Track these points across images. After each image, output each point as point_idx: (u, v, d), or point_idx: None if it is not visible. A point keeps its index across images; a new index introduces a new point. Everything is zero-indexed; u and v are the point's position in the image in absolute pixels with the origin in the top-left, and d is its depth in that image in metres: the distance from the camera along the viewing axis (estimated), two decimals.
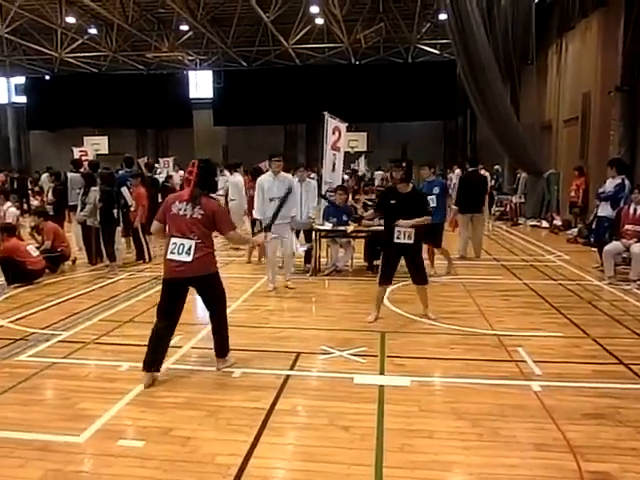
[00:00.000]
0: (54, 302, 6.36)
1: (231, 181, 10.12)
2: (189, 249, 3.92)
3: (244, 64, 26.06)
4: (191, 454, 3.00)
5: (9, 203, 8.45)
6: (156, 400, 3.69)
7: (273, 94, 25.39)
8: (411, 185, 5.47)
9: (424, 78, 24.04)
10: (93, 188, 7.79)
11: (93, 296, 6.67)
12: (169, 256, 3.97)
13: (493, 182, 16.69)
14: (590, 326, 5.28)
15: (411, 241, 5.30)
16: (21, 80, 28.50)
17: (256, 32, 22.68)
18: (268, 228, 4.91)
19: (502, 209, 14.71)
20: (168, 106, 26.44)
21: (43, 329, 5.29)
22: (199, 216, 3.96)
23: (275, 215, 5.08)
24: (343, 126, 8.63)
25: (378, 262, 7.90)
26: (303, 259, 8.22)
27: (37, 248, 7.57)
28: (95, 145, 25.60)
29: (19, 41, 22.62)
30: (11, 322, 5.55)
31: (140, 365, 3.95)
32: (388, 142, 25.85)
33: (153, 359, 3.95)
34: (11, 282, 7.03)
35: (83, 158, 15.06)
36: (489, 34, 12.66)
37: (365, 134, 24.99)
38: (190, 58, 25.88)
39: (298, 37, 22.26)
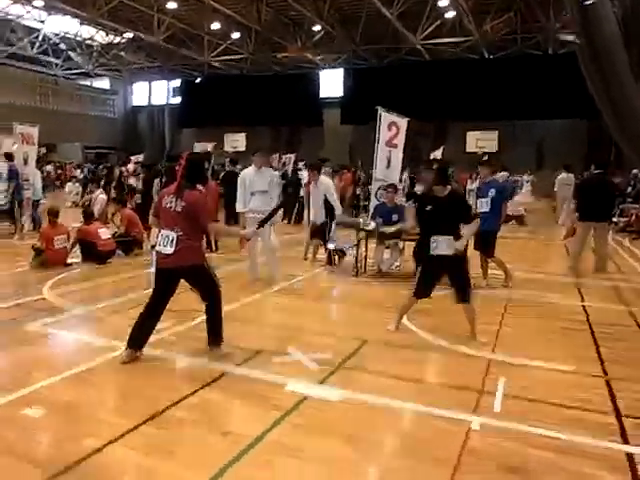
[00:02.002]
0: (101, 281, 7.09)
1: None
2: (172, 241, 4.07)
3: (374, 62, 26.02)
4: (65, 429, 3.15)
5: (100, 190, 9.61)
6: (89, 377, 3.93)
7: (401, 91, 24.92)
8: (449, 188, 4.86)
9: (565, 71, 21.51)
10: (156, 181, 8.47)
11: (138, 279, 7.28)
12: (156, 248, 4.21)
13: (630, 189, 14.45)
14: (618, 364, 4.33)
15: (451, 252, 4.61)
16: (177, 83, 32.07)
17: (384, 29, 22.47)
18: (262, 224, 4.91)
19: (627, 219, 12.62)
20: (300, 105, 27.60)
21: (68, 303, 5.93)
22: (180, 209, 4.09)
23: (268, 218, 5.11)
24: (403, 121, 8.17)
25: None
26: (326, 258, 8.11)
27: (114, 234, 8.49)
28: (234, 142, 27.76)
29: (173, 48, 25.41)
30: (53, 295, 6.32)
31: (114, 343, 4.33)
32: (520, 141, 23.79)
33: (136, 338, 4.20)
34: (85, 260, 7.99)
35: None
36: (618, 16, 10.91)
37: (496, 133, 23.32)
38: (321, 57, 26.61)
39: (427, 32, 21.61)
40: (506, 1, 19.39)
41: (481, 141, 23.27)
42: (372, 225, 7.33)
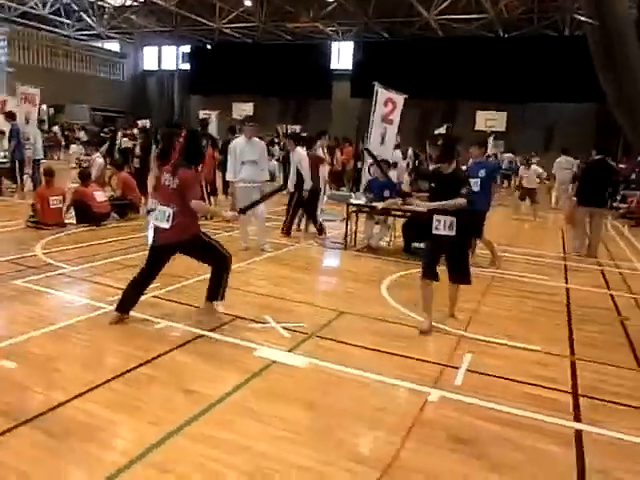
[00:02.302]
0: (93, 242, 7.20)
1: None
2: (168, 217, 4.16)
3: (386, 36, 25.55)
4: (36, 384, 3.28)
5: (98, 154, 9.67)
6: (70, 334, 4.05)
7: (412, 67, 24.61)
8: (454, 165, 4.55)
9: (579, 54, 21.08)
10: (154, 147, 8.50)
11: (129, 241, 7.39)
12: (154, 222, 4.30)
13: (634, 175, 14.29)
14: (588, 346, 4.39)
15: (452, 233, 4.38)
16: (187, 49, 31.71)
17: (398, 3, 21.99)
18: (243, 211, 4.94)
19: (627, 206, 12.51)
20: (310, 76, 27.27)
21: (58, 262, 6.05)
22: (175, 186, 4.16)
23: (256, 203, 5.19)
24: (400, 98, 8.08)
25: (416, 245, 7.57)
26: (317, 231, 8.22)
27: (110, 196, 8.56)
28: (242, 110, 27.53)
29: (185, 13, 25.05)
30: (44, 254, 6.44)
31: (95, 303, 4.51)
32: (531, 124, 23.45)
33: (124, 303, 4.32)
34: (80, 221, 8.09)
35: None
36: None
37: (505, 114, 22.99)
38: (332, 29, 26.15)
39: (441, 7, 21.13)
40: None
41: (490, 121, 22.95)
42: (362, 200, 7.35)
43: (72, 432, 2.77)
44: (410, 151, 17.43)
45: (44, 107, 25.95)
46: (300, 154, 7.98)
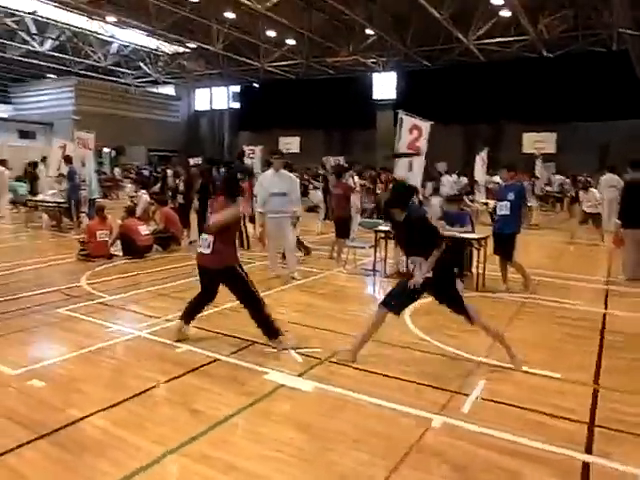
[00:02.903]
0: (135, 273, 7.61)
1: None
2: (208, 244, 4.54)
3: (427, 64, 25.75)
4: (58, 401, 3.53)
5: (143, 191, 10.28)
6: (95, 357, 4.33)
7: (455, 93, 24.66)
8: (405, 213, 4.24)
9: (630, 68, 20.41)
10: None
11: (167, 272, 7.76)
12: (198, 249, 4.71)
13: None
14: (615, 374, 4.18)
15: (429, 274, 4.14)
16: (236, 88, 33.22)
17: (436, 31, 22.19)
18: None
19: None
20: (353, 107, 27.80)
21: (99, 292, 6.46)
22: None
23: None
24: (425, 125, 8.13)
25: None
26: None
27: (154, 230, 9.06)
28: (288, 144, 28.31)
29: (232, 55, 26.34)
30: (88, 284, 6.89)
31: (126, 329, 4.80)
32: (583, 144, 22.66)
33: (187, 316, 4.81)
34: (125, 253, 8.58)
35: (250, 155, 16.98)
36: None
37: (554, 134, 22.38)
38: (373, 60, 26.65)
39: (480, 32, 21.15)
40: None
41: (538, 143, 22.38)
42: (388, 226, 7.39)
43: (85, 447, 2.97)
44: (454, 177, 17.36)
45: (106, 150, 27.83)
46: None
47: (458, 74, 24.53)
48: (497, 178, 14.64)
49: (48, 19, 23.42)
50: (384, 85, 29.14)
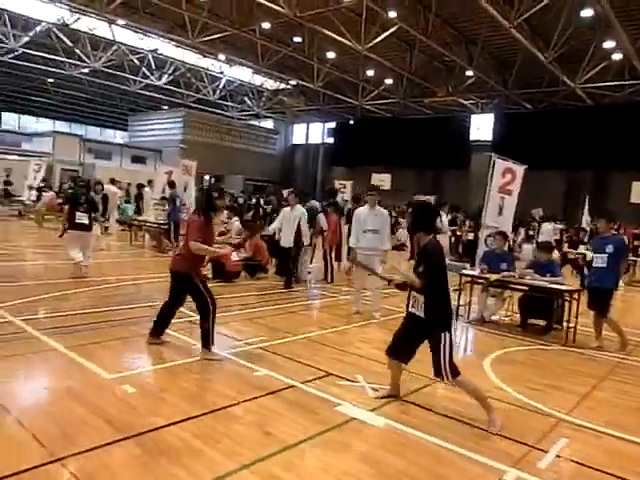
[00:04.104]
0: (222, 296, 7.99)
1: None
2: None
3: (528, 106, 25.11)
4: (145, 407, 3.82)
5: (236, 218, 10.85)
6: (181, 371, 4.63)
7: (557, 137, 23.76)
8: (428, 238, 3.93)
9: None
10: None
11: (254, 298, 8.10)
12: None
13: None
14: None
15: (421, 314, 3.91)
16: (332, 125, 34.30)
17: (539, 73, 21.65)
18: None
19: None
20: (447, 147, 27.63)
21: (190, 311, 6.86)
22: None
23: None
24: (520, 168, 7.94)
25: (535, 321, 7.20)
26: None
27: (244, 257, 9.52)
28: (380, 181, 28.61)
29: (330, 93, 27.37)
30: None
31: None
32: None
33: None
34: (215, 277, 9.07)
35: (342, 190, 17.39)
36: None
37: None
38: (472, 102, 26.43)
39: (588, 75, 20.35)
40: None
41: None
42: (477, 271, 7.24)
43: (163, 452, 3.19)
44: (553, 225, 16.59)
45: (207, 177, 29.72)
46: (302, 211, 8.56)
47: (561, 118, 23.69)
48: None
49: (166, 56, 25.84)
50: (481, 126, 28.73)
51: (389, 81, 25.92)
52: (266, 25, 19.99)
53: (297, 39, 21.74)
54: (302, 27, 20.19)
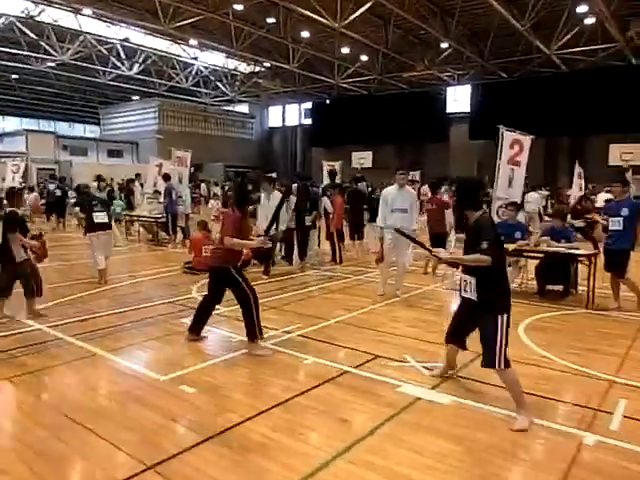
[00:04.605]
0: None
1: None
2: None
3: (504, 75, 25.27)
4: (213, 406, 3.79)
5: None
6: (233, 366, 4.60)
7: (534, 105, 23.98)
8: (478, 213, 3.75)
9: None
10: (291, 198, 9.23)
11: (271, 285, 8.06)
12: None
13: None
14: None
15: (473, 297, 3.69)
16: (308, 105, 33.98)
17: (515, 42, 21.77)
18: (267, 233, 5.44)
19: None
20: (426, 121, 27.74)
21: None
22: None
23: (271, 223, 5.62)
24: (527, 139, 8.01)
25: (551, 287, 7.35)
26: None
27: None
28: (361, 159, 28.59)
29: (306, 73, 27.04)
30: (200, 295, 7.26)
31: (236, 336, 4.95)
32: None
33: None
34: None
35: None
36: None
37: None
38: (448, 74, 26.46)
39: (562, 41, 20.54)
40: None
41: (626, 154, 21.30)
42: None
43: (250, 449, 3.18)
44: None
45: None
46: (279, 196, 8.14)
47: (537, 85, 23.93)
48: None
49: (137, 45, 25.08)
50: (458, 98, 28.85)
51: (365, 58, 25.73)
52: (239, 7, 19.55)
53: (271, 20, 21.33)
54: (276, 7, 19.82)
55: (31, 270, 6.05)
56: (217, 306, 6.49)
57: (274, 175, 22.32)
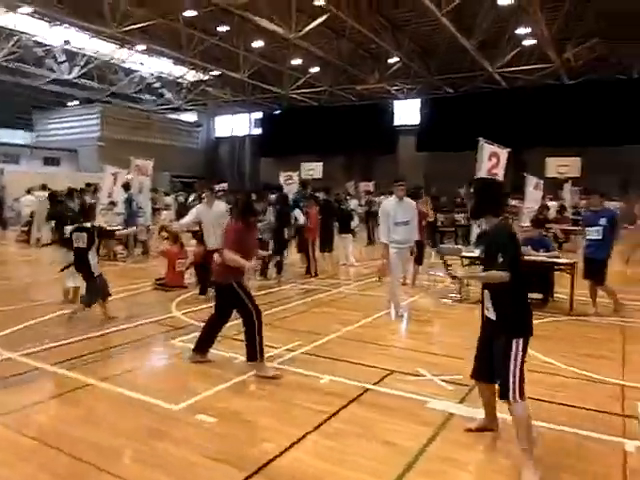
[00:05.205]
0: None
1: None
2: None
3: (450, 90, 26.20)
4: (243, 436, 3.53)
5: None
6: (246, 390, 4.33)
7: (477, 119, 24.92)
8: (495, 220, 3.34)
9: None
10: (270, 209, 9.02)
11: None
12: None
13: None
14: None
15: (492, 316, 3.28)
16: (259, 115, 33.71)
17: (461, 58, 22.60)
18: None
19: None
20: (375, 133, 28.21)
21: (200, 322, 6.44)
22: None
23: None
24: (503, 152, 8.30)
25: (530, 295, 7.55)
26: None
27: None
28: (310, 170, 28.56)
29: (256, 83, 26.78)
30: (183, 314, 6.90)
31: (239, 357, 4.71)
32: (606, 168, 22.91)
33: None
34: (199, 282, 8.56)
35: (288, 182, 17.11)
36: None
37: (579, 159, 22.63)
38: (397, 88, 27.10)
39: (505, 60, 21.58)
40: (589, 27, 19.01)
41: (561, 167, 22.65)
42: (477, 252, 7.44)
43: None
44: None
45: (129, 176, 27.97)
46: (222, 208, 7.66)
47: (480, 100, 24.98)
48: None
49: (78, 48, 23.86)
50: (406, 112, 29.57)
51: (316, 69, 25.83)
52: (192, 13, 19.07)
53: (224, 28, 20.96)
54: (230, 15, 19.50)
55: None
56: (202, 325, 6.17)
57: (225, 186, 22.14)
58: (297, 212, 9.77)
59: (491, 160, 8.02)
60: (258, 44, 22.49)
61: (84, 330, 6.00)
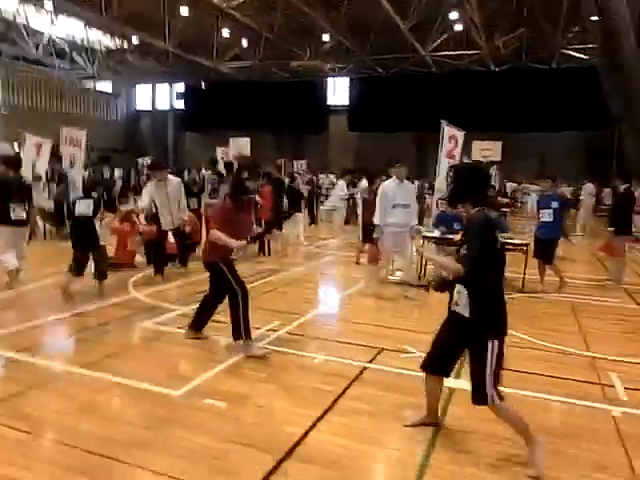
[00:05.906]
0: (178, 283, 7.32)
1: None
2: None
3: (381, 71, 26.57)
4: (262, 419, 3.45)
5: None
6: (243, 372, 4.22)
7: (407, 101, 25.66)
8: (474, 210, 3.05)
9: (569, 85, 22.56)
10: (223, 186, 8.71)
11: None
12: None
13: None
14: None
15: (465, 313, 3.01)
16: (181, 88, 32.20)
17: (394, 40, 22.96)
18: (253, 240, 5.19)
19: None
20: (306, 111, 28.07)
21: (166, 303, 6.18)
22: None
23: (262, 234, 5.69)
24: (461, 134, 8.60)
25: None
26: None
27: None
28: (238, 147, 27.88)
29: (181, 54, 25.51)
30: (146, 295, 6.55)
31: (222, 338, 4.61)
32: (524, 153, 24.58)
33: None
34: (150, 261, 8.13)
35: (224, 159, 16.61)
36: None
37: (500, 143, 24.00)
38: (329, 66, 27.05)
39: (436, 44, 22.23)
40: (516, 16, 20.06)
41: (485, 151, 23.93)
42: (436, 233, 7.72)
43: (333, 461, 2.95)
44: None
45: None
46: (176, 181, 7.52)
47: (411, 83, 25.63)
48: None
49: None
50: (337, 91, 29.63)
51: (246, 43, 25.08)
52: None
53: None
54: None
55: None
56: (170, 306, 5.93)
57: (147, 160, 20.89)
58: None
59: (450, 142, 8.27)
60: (185, 11, 21.37)
61: (39, 315, 5.53)
